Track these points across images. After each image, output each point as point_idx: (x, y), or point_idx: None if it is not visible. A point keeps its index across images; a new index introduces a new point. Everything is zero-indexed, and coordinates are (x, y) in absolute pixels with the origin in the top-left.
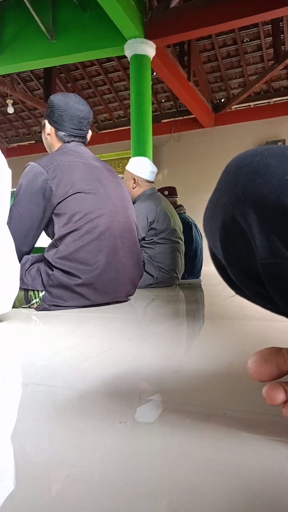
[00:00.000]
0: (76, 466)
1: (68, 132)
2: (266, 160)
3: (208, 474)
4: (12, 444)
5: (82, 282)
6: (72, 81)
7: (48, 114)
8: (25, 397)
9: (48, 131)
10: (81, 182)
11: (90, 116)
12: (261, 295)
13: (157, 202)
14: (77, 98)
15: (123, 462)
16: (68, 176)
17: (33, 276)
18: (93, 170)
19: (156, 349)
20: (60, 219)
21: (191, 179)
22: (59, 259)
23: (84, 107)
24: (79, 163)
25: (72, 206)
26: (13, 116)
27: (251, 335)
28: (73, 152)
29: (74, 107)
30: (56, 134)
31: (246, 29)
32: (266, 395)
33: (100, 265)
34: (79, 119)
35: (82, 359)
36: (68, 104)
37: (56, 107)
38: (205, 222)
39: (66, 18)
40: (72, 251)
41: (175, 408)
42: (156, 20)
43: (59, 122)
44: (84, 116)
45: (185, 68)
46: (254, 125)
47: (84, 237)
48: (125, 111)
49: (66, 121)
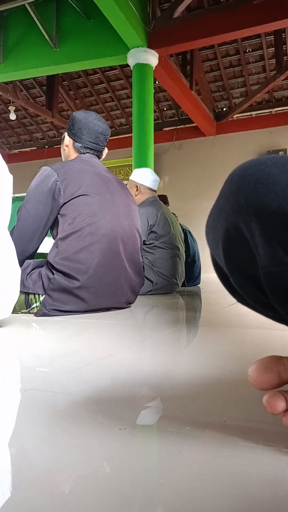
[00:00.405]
0: (74, 472)
1: (84, 144)
2: (269, 169)
3: (207, 482)
4: (10, 450)
5: (81, 284)
6: (74, 89)
7: (68, 127)
8: (24, 402)
9: (67, 142)
10: (89, 186)
11: (107, 133)
12: (263, 303)
13: (158, 207)
14: (97, 116)
15: (122, 468)
16: (76, 180)
17: (34, 280)
18: (102, 178)
19: (156, 356)
20: (65, 219)
21: (192, 187)
22: (60, 260)
23: (103, 124)
24: (90, 170)
25: (77, 207)
26: (15, 122)
27: (250, 343)
28: (86, 162)
29: (93, 123)
30: (73, 145)
31: (249, 39)
32: (266, 404)
33: (99, 267)
34: (97, 133)
35: (82, 365)
36: (88, 119)
37: (77, 120)
38: (207, 230)
39: (69, 26)
40: (73, 251)
41: (175, 415)
42: (159, 30)
43: (78, 135)
44: (102, 132)
45: (187, 77)
46: (256, 134)
47: (86, 238)
48: (127, 119)
49: (84, 134)
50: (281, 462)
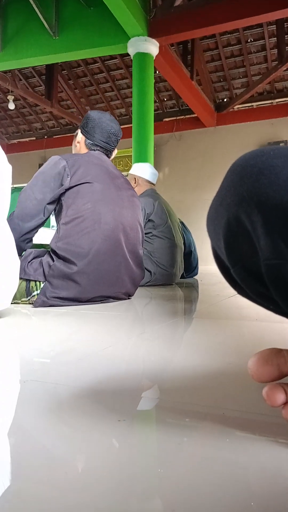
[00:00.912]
0: (73, 463)
1: (96, 142)
2: (271, 160)
3: (206, 473)
4: (9, 441)
5: (78, 269)
6: (74, 78)
7: (82, 125)
8: (23, 393)
9: (79, 139)
10: (95, 176)
11: (119, 134)
12: (264, 295)
13: (155, 198)
14: (111, 117)
15: (121, 460)
16: (85, 168)
17: (35, 267)
18: (109, 173)
19: (155, 347)
20: (68, 205)
21: (192, 178)
22: (61, 245)
23: (116, 125)
24: (98, 164)
25: (81, 193)
26: (14, 112)
27: (249, 335)
28: (95, 157)
29: (107, 123)
30: (85, 142)
31: (251, 29)
32: (266, 396)
33: (99, 253)
34: (109, 134)
35: (82, 356)
36: (102, 119)
37: (91, 119)
38: (209, 222)
39: (69, 15)
40: (74, 236)
41: (174, 407)
42: (160, 18)
43: (91, 133)
44: (114, 133)
45: (188, 67)
46: (256, 126)
47: (88, 224)
48: (127, 109)
49: (97, 133)
50: (280, 454)
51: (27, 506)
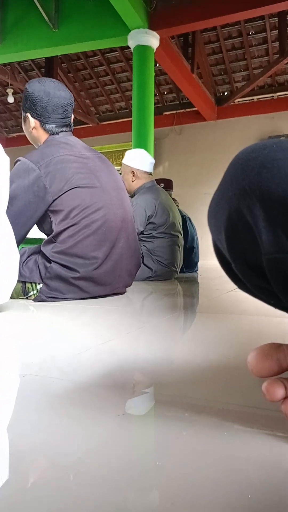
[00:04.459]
0: (72, 457)
1: (55, 123)
2: (274, 154)
3: (205, 466)
4: (8, 435)
5: (80, 275)
6: (73, 71)
7: (29, 107)
8: (22, 387)
9: (33, 124)
10: (76, 177)
11: (72, 101)
12: (265, 290)
13: (156, 195)
14: (55, 83)
15: (120, 453)
16: (61, 172)
17: (31, 268)
18: (86, 162)
19: (154, 342)
20: (57, 216)
21: (192, 172)
22: (56, 254)
23: (66, 92)
24: (72, 156)
25: (69, 201)
26: (13, 105)
27: (248, 330)
28: (63, 145)
29: (57, 96)
30: (42, 127)
31: (252, 21)
32: (265, 391)
33: (98, 259)
34: (64, 107)
35: (80, 350)
36: (50, 93)
37: (38, 98)
38: (210, 215)
39: (69, 7)
40: (69, 245)
41: (173, 401)
42: (160, 10)
43: (44, 115)
44: (68, 103)
45: (188, 60)
46: (257, 119)
47: (82, 231)
48: (127, 103)
49: (51, 112)
50: (278, 447)
51: (27, 501)
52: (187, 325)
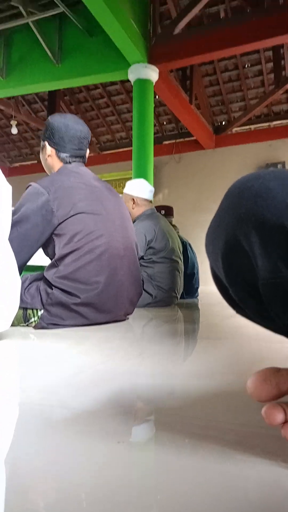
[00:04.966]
0: (72, 486)
1: (69, 153)
2: (268, 183)
3: (206, 495)
4: (6, 464)
5: (81, 301)
6: (76, 103)
7: (47, 136)
8: (22, 415)
9: (49, 152)
10: (82, 203)
11: (89, 136)
12: (262, 314)
13: (156, 221)
14: (75, 118)
15: (120, 482)
16: (69, 197)
17: (32, 294)
18: (93, 191)
19: (154, 368)
20: (61, 239)
21: (191, 199)
22: (58, 279)
23: (83, 127)
24: (81, 184)
25: (73, 226)
26: (17, 136)
27: (249, 355)
28: (74, 174)
29: (74, 128)
30: (57, 155)
31: (248, 55)
32: (265, 415)
33: (99, 285)
34: (80, 139)
35: (80, 378)
36: (68, 125)
37: (57, 129)
38: (207, 242)
39: (71, 43)
40: (72, 270)
41: (173, 428)
42: (159, 46)
43: (60, 144)
44: (84, 136)
45: (187, 91)
46: (255, 147)
47: (84, 257)
48: (127, 133)
49: (67, 142)
50: (278, 467)
51: None
52: (187, 350)
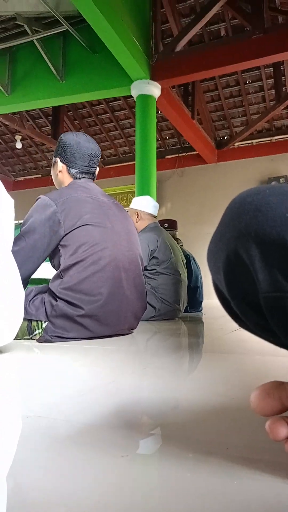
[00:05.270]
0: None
1: (79, 169)
2: (267, 198)
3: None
4: (11, 477)
5: (85, 313)
6: (79, 119)
7: (59, 153)
8: (25, 429)
9: (60, 168)
10: (89, 215)
11: (99, 154)
12: (264, 327)
13: (159, 233)
14: (87, 137)
15: (124, 496)
16: (76, 209)
17: (37, 306)
18: (101, 205)
19: (158, 382)
20: (66, 250)
21: (194, 213)
22: (63, 290)
23: (94, 145)
24: (88, 198)
25: (79, 237)
26: (21, 151)
27: (253, 370)
28: (82, 188)
29: (86, 146)
30: (68, 171)
31: (248, 71)
32: (269, 430)
33: (103, 296)
34: (90, 157)
35: (84, 391)
36: (80, 143)
37: (69, 146)
38: (209, 256)
39: (75, 60)
40: (76, 282)
41: (177, 442)
42: (161, 63)
43: (72, 160)
44: (95, 154)
45: (189, 107)
46: (257, 162)
47: (89, 268)
48: (130, 147)
49: (78, 159)
50: (282, 486)
51: None
52: (191, 365)
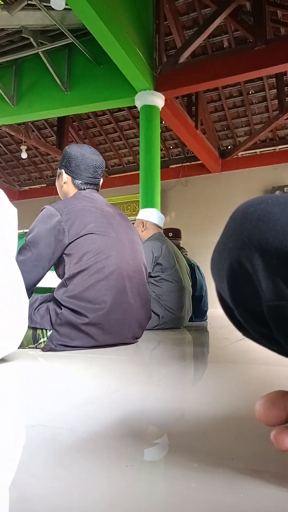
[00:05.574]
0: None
1: (84, 180)
2: (270, 208)
3: None
4: (16, 486)
5: (89, 321)
6: (84, 129)
7: (64, 164)
8: (30, 438)
9: (65, 179)
10: (93, 224)
11: (103, 165)
12: (267, 336)
13: (162, 241)
14: (91, 149)
15: (129, 506)
16: (81, 219)
17: (42, 314)
18: (105, 214)
19: (163, 391)
20: (71, 259)
21: (198, 222)
22: (68, 298)
23: (99, 157)
24: (92, 208)
25: (83, 246)
26: (26, 161)
27: (258, 379)
28: (87, 198)
29: (90, 158)
30: (72, 182)
31: (251, 82)
32: (273, 440)
33: (107, 304)
34: (95, 168)
35: (89, 400)
36: (85, 155)
37: (73, 158)
38: (212, 265)
39: (80, 72)
40: (81, 290)
41: (182, 452)
42: (165, 74)
43: (76, 172)
44: (99, 166)
45: (192, 117)
46: (260, 171)
47: (93, 276)
48: (134, 157)
49: (82, 171)
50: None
51: None
52: (196, 374)
